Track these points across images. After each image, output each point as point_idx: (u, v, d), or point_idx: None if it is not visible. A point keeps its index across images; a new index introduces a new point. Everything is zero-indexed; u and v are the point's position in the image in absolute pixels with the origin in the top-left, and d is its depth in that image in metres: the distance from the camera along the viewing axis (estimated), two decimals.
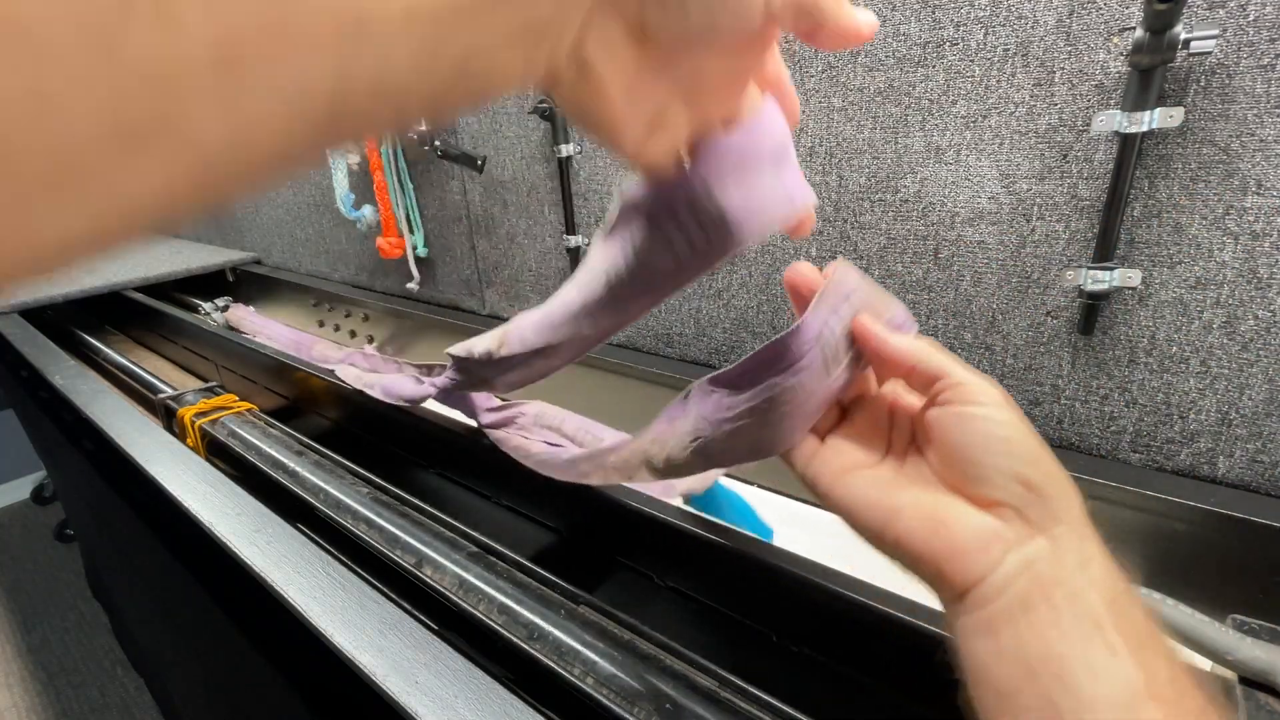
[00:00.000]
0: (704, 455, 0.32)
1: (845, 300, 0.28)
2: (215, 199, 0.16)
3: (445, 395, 0.59)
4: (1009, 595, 0.23)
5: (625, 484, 0.50)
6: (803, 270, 0.30)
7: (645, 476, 0.37)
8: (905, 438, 0.28)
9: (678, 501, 0.51)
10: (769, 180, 0.28)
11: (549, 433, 0.60)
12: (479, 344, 0.46)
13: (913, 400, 0.29)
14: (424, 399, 0.61)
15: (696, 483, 0.53)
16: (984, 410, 0.25)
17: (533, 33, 0.19)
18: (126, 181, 0.13)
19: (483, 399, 0.61)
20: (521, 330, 0.41)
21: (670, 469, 0.34)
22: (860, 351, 0.28)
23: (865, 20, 0.24)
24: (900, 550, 0.26)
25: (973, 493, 0.25)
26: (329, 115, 0.15)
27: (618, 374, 0.85)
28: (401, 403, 0.63)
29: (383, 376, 0.68)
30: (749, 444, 0.30)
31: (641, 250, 0.31)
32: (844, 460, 0.28)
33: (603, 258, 0.33)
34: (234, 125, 0.14)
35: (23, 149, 0.12)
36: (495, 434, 0.58)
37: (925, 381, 0.26)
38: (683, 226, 0.29)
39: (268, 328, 1.26)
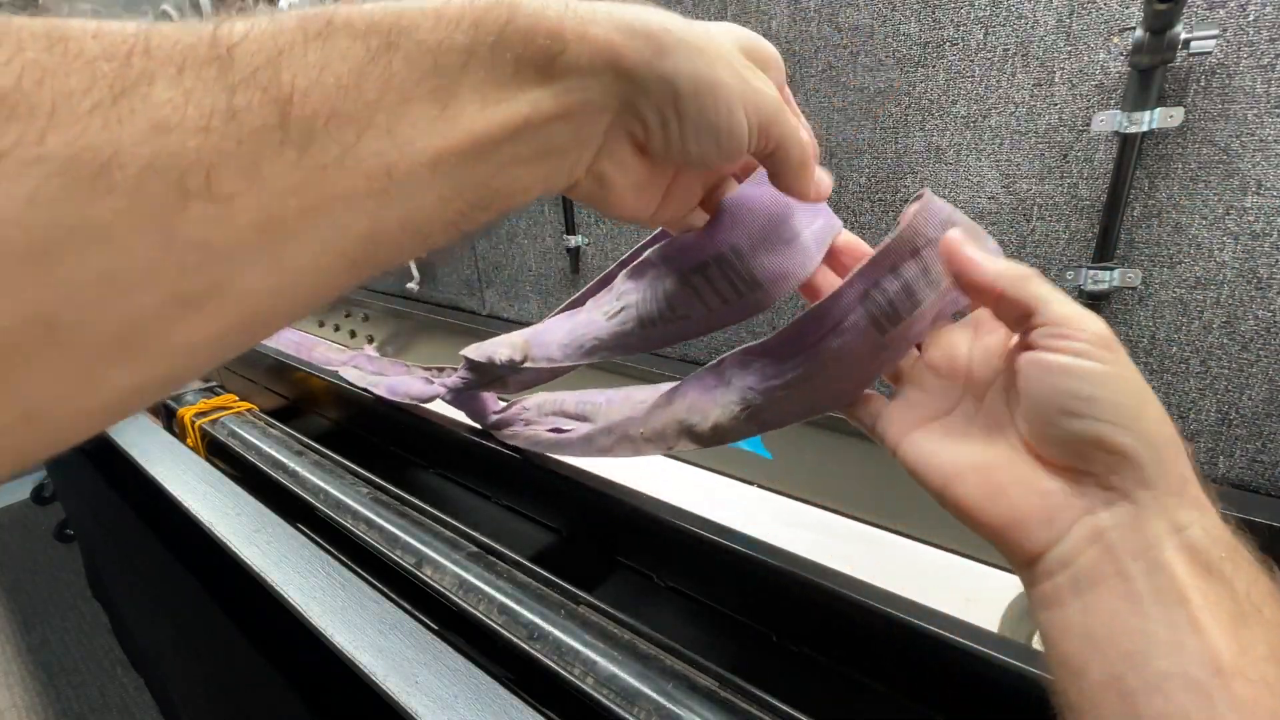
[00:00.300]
0: (757, 421, 0.32)
1: (912, 257, 0.26)
2: (262, 336, 0.18)
3: (456, 395, 0.59)
4: (1075, 567, 0.21)
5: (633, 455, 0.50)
6: (840, 242, 0.30)
7: (686, 445, 0.36)
8: (988, 376, 0.25)
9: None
10: (796, 229, 0.29)
11: (554, 418, 0.60)
12: (500, 351, 0.46)
13: (1004, 333, 0.26)
14: (432, 398, 0.61)
15: None
16: (1070, 361, 0.21)
17: (553, 159, 0.20)
18: (183, 337, 0.15)
19: (490, 400, 0.61)
20: (547, 347, 0.41)
21: (719, 435, 0.34)
22: (935, 306, 0.26)
23: (818, 187, 0.26)
24: (961, 514, 0.24)
25: (1047, 454, 0.22)
26: (363, 252, 0.17)
27: (618, 373, 0.85)
28: (407, 400, 0.63)
29: (388, 377, 0.68)
30: (804, 405, 0.30)
31: (673, 298, 0.31)
32: (912, 415, 0.27)
33: (633, 293, 0.34)
34: (278, 278, 0.16)
35: (93, 324, 0.14)
36: (504, 432, 0.58)
37: (1016, 315, 0.23)
38: (713, 283, 0.29)
39: None
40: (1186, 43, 0.46)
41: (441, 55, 0.17)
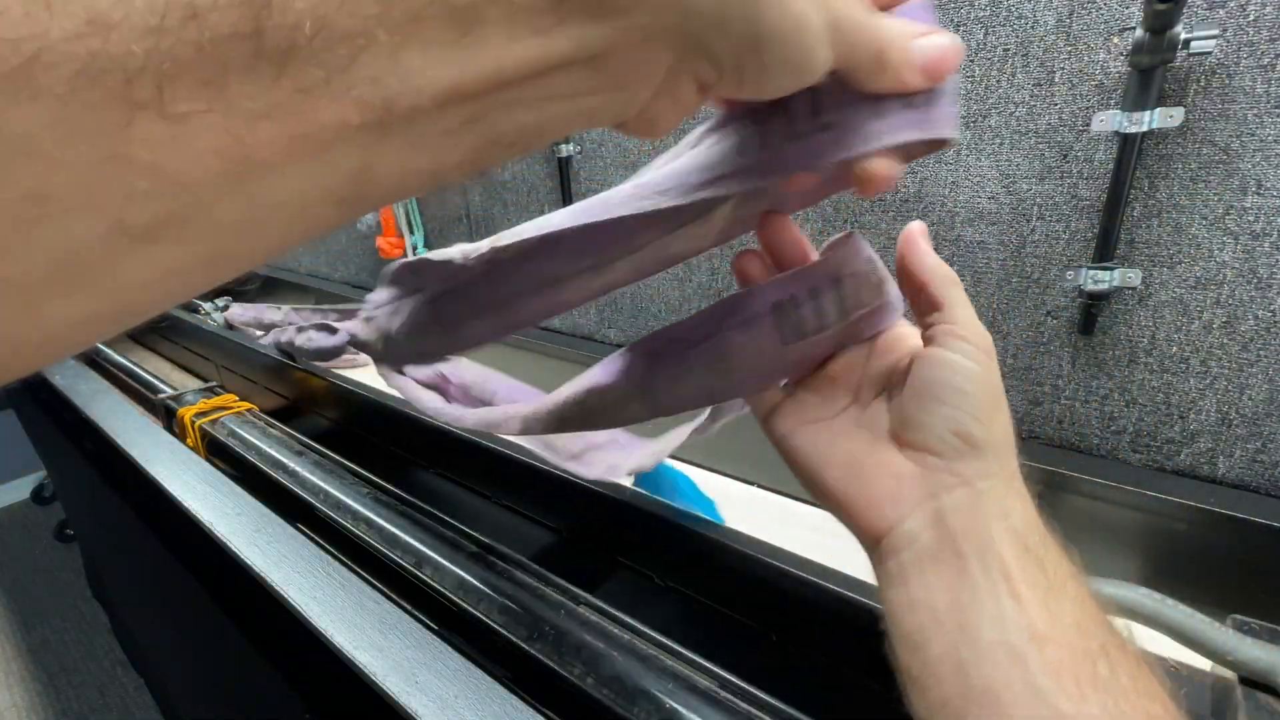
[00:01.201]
0: (651, 403, 0.31)
1: (833, 284, 0.27)
2: (233, 274, 0.15)
3: (365, 347, 0.44)
4: (917, 546, 0.24)
5: (575, 463, 0.49)
6: (787, 236, 0.29)
7: (573, 428, 0.35)
8: (876, 385, 0.28)
9: (627, 481, 0.51)
10: (884, 124, 0.23)
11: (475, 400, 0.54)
12: (472, 246, 0.36)
13: (902, 344, 0.28)
14: (338, 350, 0.53)
15: (645, 460, 0.52)
16: (957, 359, 0.25)
17: (600, 97, 0.17)
18: (134, 272, 0.13)
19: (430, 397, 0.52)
20: (519, 230, 0.34)
21: (609, 419, 0.33)
22: (841, 335, 0.27)
23: (913, 73, 0.23)
24: (824, 496, 0.27)
25: (909, 437, 0.25)
26: (355, 191, 0.15)
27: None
28: (320, 362, 0.58)
29: (304, 333, 0.61)
30: (700, 391, 0.30)
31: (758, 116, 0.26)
32: (803, 414, 0.28)
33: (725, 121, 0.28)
34: (250, 213, 0.13)
35: (23, 250, 0.12)
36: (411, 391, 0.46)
37: (927, 307, 0.26)
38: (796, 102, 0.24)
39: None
40: (1186, 43, 0.46)
41: None
